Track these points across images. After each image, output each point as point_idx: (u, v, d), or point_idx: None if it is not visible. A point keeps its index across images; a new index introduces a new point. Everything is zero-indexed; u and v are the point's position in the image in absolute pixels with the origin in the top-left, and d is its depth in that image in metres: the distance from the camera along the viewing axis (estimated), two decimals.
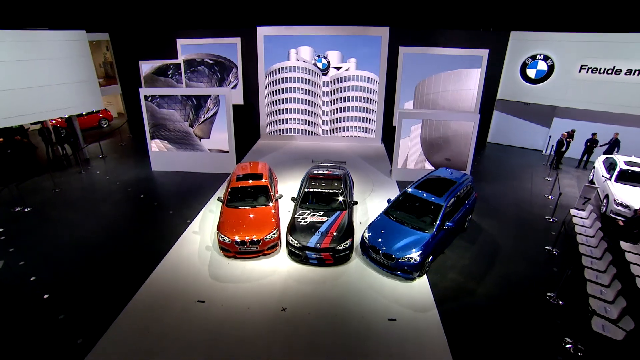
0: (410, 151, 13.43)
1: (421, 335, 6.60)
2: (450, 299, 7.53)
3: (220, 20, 17.37)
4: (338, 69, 17.08)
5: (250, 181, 10.01)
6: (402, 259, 7.71)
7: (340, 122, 17.84)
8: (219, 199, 9.77)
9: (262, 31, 16.75)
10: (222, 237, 8.45)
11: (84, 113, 20.11)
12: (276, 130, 18.18)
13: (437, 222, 8.30)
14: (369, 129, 17.81)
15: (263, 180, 10.09)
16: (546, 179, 14.16)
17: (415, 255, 7.69)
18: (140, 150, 16.44)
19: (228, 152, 13.69)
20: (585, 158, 15.54)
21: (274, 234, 8.62)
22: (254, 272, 8.24)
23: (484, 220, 10.71)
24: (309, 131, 18.06)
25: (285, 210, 10.70)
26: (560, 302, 7.45)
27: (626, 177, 11.16)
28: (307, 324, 6.81)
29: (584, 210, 10.68)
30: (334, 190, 9.71)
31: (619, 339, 6.00)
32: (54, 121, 16.84)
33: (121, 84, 18.90)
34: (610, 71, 14.77)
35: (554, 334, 6.72)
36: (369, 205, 11.40)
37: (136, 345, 6.33)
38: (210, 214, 10.77)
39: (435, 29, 16.63)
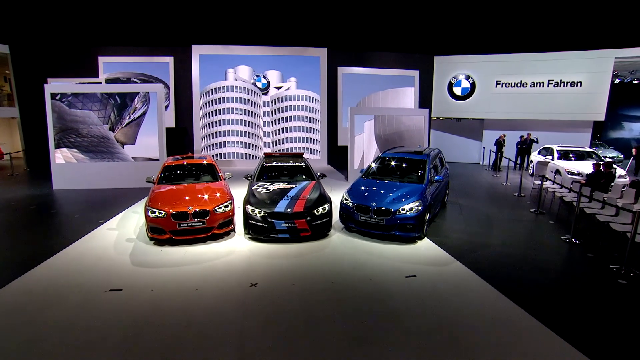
0: (365, 149, 12.63)
1: (455, 284, 4.93)
2: (468, 251, 6.09)
3: (150, 37, 15.89)
4: (278, 88, 16.51)
5: (186, 162, 7.89)
6: (400, 210, 6.16)
7: (283, 143, 16.69)
8: (147, 180, 7.33)
9: (198, 50, 15.77)
10: (153, 212, 6.00)
11: None
12: (213, 156, 16.17)
13: (427, 175, 7.11)
14: (314, 149, 16.90)
15: (206, 161, 8.05)
16: (495, 175, 14.37)
17: (414, 204, 6.23)
18: (39, 174, 12.85)
19: (158, 160, 11.27)
20: (519, 161, 16.44)
21: (227, 205, 6.46)
22: (201, 255, 5.83)
23: (459, 199, 9.89)
24: (249, 154, 16.44)
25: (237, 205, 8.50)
26: (577, 241, 6.52)
27: (564, 156, 12.81)
28: (295, 297, 4.62)
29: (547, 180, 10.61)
30: (297, 164, 8.09)
31: None
32: None
33: (20, 105, 15.16)
34: (518, 85, 17.01)
35: (594, 266, 5.60)
36: (334, 199, 9.81)
37: None
38: (134, 215, 8.06)
39: (369, 51, 17.49)
